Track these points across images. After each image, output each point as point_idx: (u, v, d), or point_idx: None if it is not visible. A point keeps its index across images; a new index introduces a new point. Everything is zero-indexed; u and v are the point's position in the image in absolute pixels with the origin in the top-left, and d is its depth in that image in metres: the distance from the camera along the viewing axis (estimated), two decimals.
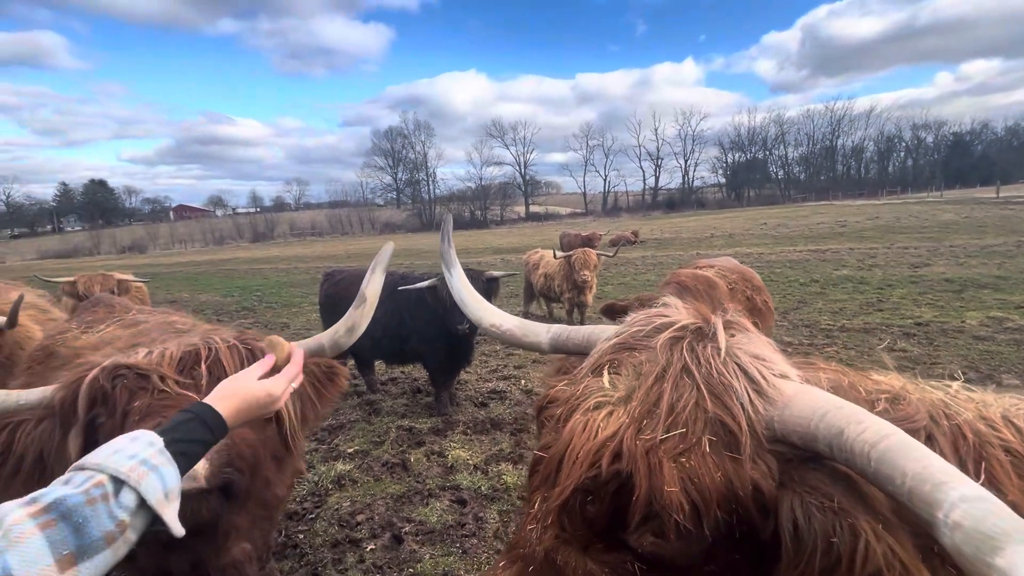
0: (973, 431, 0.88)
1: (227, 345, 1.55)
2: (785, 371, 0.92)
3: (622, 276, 14.44)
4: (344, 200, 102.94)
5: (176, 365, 1.44)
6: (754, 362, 0.91)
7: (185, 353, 1.47)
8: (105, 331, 2.23)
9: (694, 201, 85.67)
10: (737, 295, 4.27)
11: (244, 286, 17.81)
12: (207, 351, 1.49)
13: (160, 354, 1.47)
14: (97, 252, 69.40)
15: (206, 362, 1.46)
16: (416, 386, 6.10)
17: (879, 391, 0.99)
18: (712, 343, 0.94)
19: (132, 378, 1.39)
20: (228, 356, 1.51)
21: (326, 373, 1.79)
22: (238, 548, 1.75)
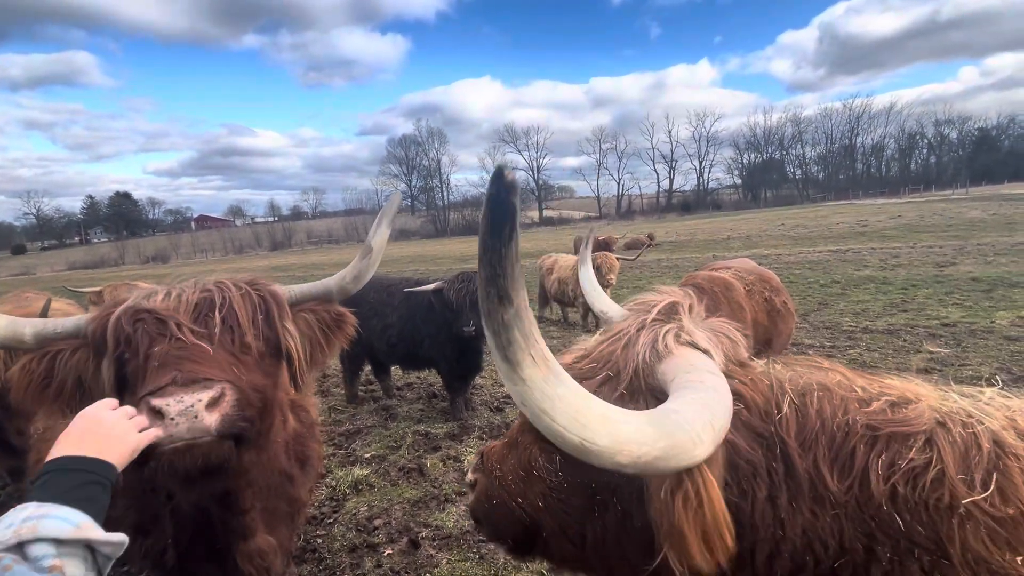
0: (994, 441, 0.86)
1: (240, 293, 1.57)
2: (696, 341, 1.12)
3: (637, 279, 14.33)
4: (360, 208, 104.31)
5: (192, 311, 1.46)
6: (671, 330, 1.14)
7: (201, 299, 1.49)
8: None
9: (709, 203, 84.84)
10: (755, 297, 4.20)
11: None
12: (221, 298, 1.51)
13: (177, 297, 1.49)
14: (122, 262, 71.30)
15: (220, 311, 1.48)
16: (432, 391, 6.11)
17: (882, 394, 0.99)
18: (667, 318, 1.21)
19: (151, 322, 1.41)
20: (241, 304, 1.53)
21: (335, 319, 1.85)
22: (263, 539, 1.82)
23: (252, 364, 1.49)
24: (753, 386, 1.04)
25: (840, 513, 0.91)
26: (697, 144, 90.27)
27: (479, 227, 0.78)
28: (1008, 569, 0.77)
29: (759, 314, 4.09)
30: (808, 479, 0.94)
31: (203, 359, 1.34)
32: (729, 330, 1.23)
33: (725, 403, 0.92)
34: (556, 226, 73.56)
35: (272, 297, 1.64)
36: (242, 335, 1.49)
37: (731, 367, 1.10)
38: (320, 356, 1.81)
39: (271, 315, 1.60)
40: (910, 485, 0.86)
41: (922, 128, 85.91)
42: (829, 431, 0.95)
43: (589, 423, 0.79)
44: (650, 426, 0.82)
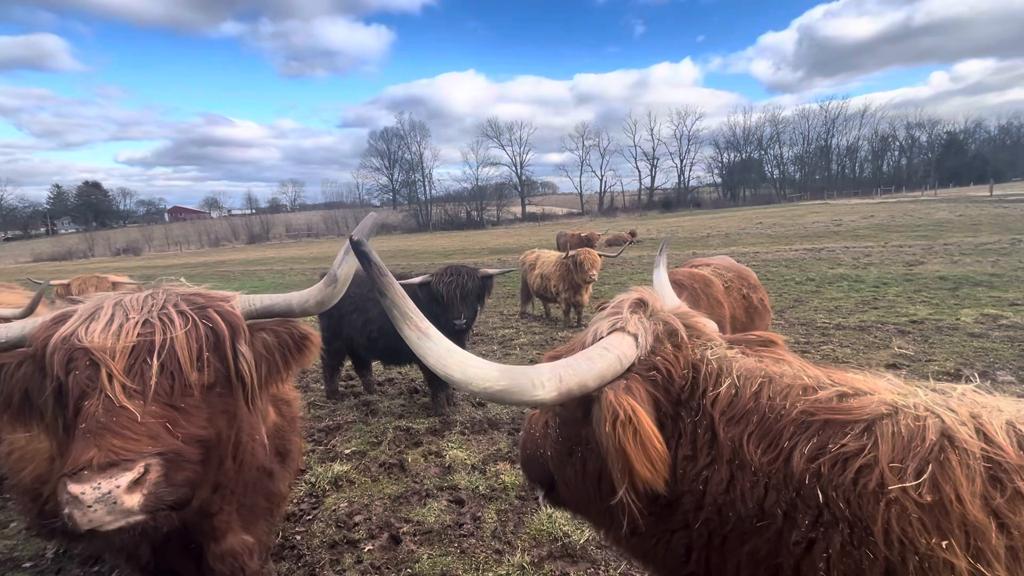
0: (944, 435, 0.91)
1: (186, 328, 1.45)
2: (627, 328, 1.30)
3: (618, 276, 14.46)
4: (340, 201, 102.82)
5: (128, 356, 1.37)
6: (610, 321, 1.34)
7: (140, 342, 1.39)
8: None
9: (690, 201, 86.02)
10: (733, 293, 4.28)
11: (240, 287, 17.62)
12: (162, 339, 1.41)
13: (118, 329, 1.40)
14: (91, 254, 69.00)
15: (159, 355, 1.39)
16: (413, 386, 6.08)
17: (834, 385, 1.09)
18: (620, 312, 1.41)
19: (84, 368, 1.34)
20: (184, 344, 1.42)
21: (297, 340, 1.71)
22: (237, 539, 1.78)
23: (194, 405, 1.42)
24: (673, 363, 1.22)
25: (762, 482, 1.04)
26: (678, 142, 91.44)
27: (361, 266, 1.18)
28: (935, 551, 0.83)
29: (737, 310, 4.17)
30: (730, 448, 1.10)
31: (127, 428, 1.26)
32: (692, 321, 1.37)
33: (593, 367, 1.16)
34: (539, 222, 73.68)
35: (226, 322, 1.53)
36: (183, 377, 1.41)
37: (660, 348, 1.27)
38: (276, 378, 1.68)
39: (222, 345, 1.50)
40: (837, 467, 0.96)
41: (894, 131, 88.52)
42: (761, 411, 1.09)
43: (449, 364, 1.12)
44: (496, 372, 1.13)
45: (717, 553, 1.12)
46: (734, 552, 1.08)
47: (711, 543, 1.13)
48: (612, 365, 1.17)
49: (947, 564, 0.81)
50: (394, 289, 1.14)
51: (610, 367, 1.17)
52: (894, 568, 0.86)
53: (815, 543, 0.95)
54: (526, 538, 3.11)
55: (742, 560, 1.06)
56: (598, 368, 1.16)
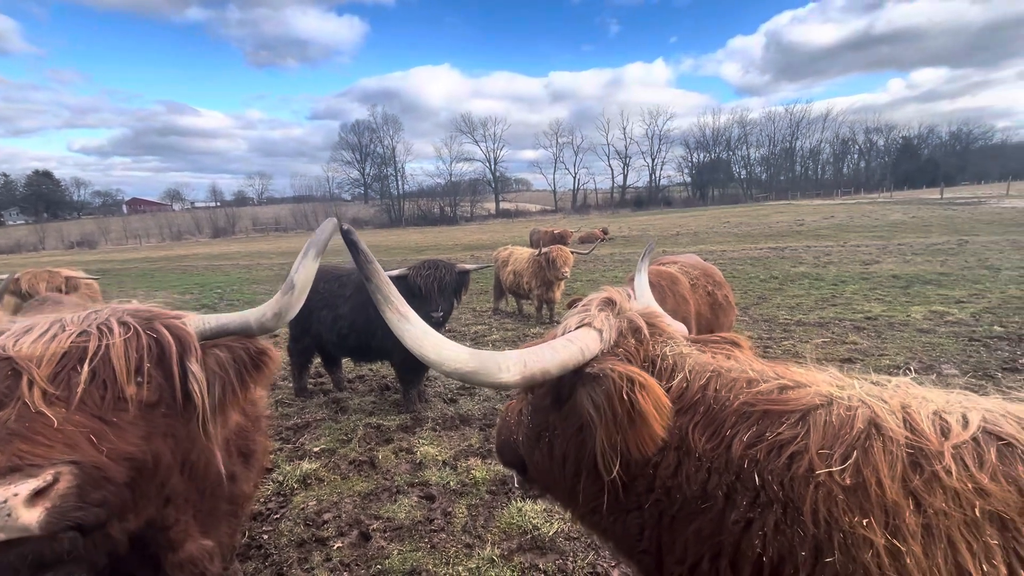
0: (871, 423, 1.00)
1: (125, 336, 1.34)
2: (593, 324, 1.37)
3: (590, 273, 14.65)
4: (310, 195, 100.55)
5: (56, 363, 1.26)
6: (579, 317, 1.42)
7: (72, 347, 1.29)
8: None
9: (661, 199, 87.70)
10: (698, 290, 4.41)
11: (203, 283, 17.20)
12: (96, 345, 1.30)
13: (51, 338, 1.30)
14: (42, 247, 65.56)
15: (91, 361, 1.27)
16: (384, 383, 6.04)
17: (777, 379, 1.18)
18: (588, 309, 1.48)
19: (3, 376, 1.23)
20: (121, 351, 1.31)
21: (253, 357, 1.57)
22: (195, 545, 1.71)
23: (129, 422, 1.29)
24: (634, 356, 1.30)
25: (705, 467, 1.13)
26: (650, 142, 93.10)
27: (350, 254, 1.24)
28: (856, 529, 0.91)
29: (702, 306, 4.31)
30: (678, 436, 1.18)
31: (40, 433, 1.12)
32: (656, 320, 1.45)
33: (556, 355, 1.24)
34: (512, 218, 73.80)
35: (173, 336, 1.42)
36: (118, 389, 1.28)
37: (623, 342, 1.35)
38: (233, 400, 1.55)
39: (167, 358, 1.39)
40: (773, 453, 1.04)
41: (854, 135, 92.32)
42: (707, 402, 1.18)
43: (424, 345, 1.19)
44: (467, 354, 1.20)
45: (667, 532, 1.19)
46: (681, 531, 1.15)
47: (661, 523, 1.21)
48: (574, 355, 1.24)
49: (867, 540, 0.88)
50: (379, 275, 1.20)
51: (572, 356, 1.23)
52: (821, 544, 0.93)
53: (752, 522, 1.03)
54: (496, 532, 3.15)
55: (689, 538, 1.13)
56: (560, 357, 1.23)
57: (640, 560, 1.29)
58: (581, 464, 1.31)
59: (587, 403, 1.20)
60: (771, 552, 0.99)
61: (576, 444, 1.31)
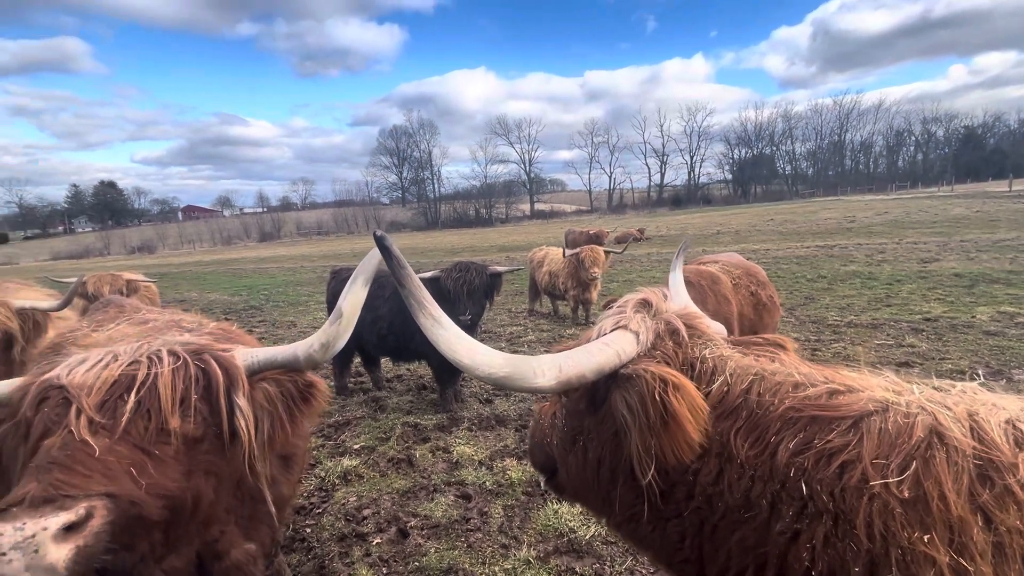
0: (932, 432, 0.93)
1: (174, 366, 1.33)
2: (629, 326, 1.34)
3: (627, 273, 14.42)
4: (350, 199, 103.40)
5: (104, 392, 1.24)
6: (614, 319, 1.39)
7: (121, 375, 1.28)
8: (114, 330, 2.24)
9: (700, 198, 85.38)
10: (741, 290, 4.26)
11: (251, 285, 17.96)
12: (145, 375, 1.28)
13: (103, 367, 1.30)
14: (107, 252, 70.22)
15: (138, 390, 1.25)
16: (422, 383, 6.13)
17: (826, 383, 1.11)
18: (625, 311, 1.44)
19: (54, 405, 1.23)
20: (168, 381, 1.29)
21: (301, 391, 1.54)
22: (239, 550, 1.73)
23: (171, 455, 1.25)
24: (672, 359, 1.26)
25: (748, 474, 1.08)
26: (688, 139, 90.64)
27: (383, 259, 1.28)
28: (917, 546, 0.85)
29: (745, 307, 4.16)
30: (719, 442, 1.13)
31: (80, 462, 1.09)
32: (695, 321, 1.40)
33: (592, 359, 1.21)
34: (547, 219, 73.61)
35: (221, 368, 1.40)
36: (162, 420, 1.25)
37: (661, 345, 1.30)
38: (281, 435, 1.51)
39: (213, 391, 1.36)
40: (822, 462, 0.98)
41: (910, 125, 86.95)
42: (750, 407, 1.13)
43: (458, 350, 1.19)
44: (501, 359, 1.18)
45: (708, 541, 1.16)
46: (724, 540, 1.11)
47: (702, 531, 1.17)
48: (611, 359, 1.21)
49: (928, 558, 0.83)
50: (412, 280, 1.22)
51: (608, 360, 1.21)
52: (877, 561, 0.88)
53: (800, 534, 0.98)
54: (532, 533, 3.14)
55: (732, 548, 1.09)
56: (596, 360, 1.21)
57: (681, 570, 1.26)
58: (617, 469, 1.28)
59: (621, 406, 1.17)
60: (821, 566, 0.94)
61: (611, 449, 1.28)
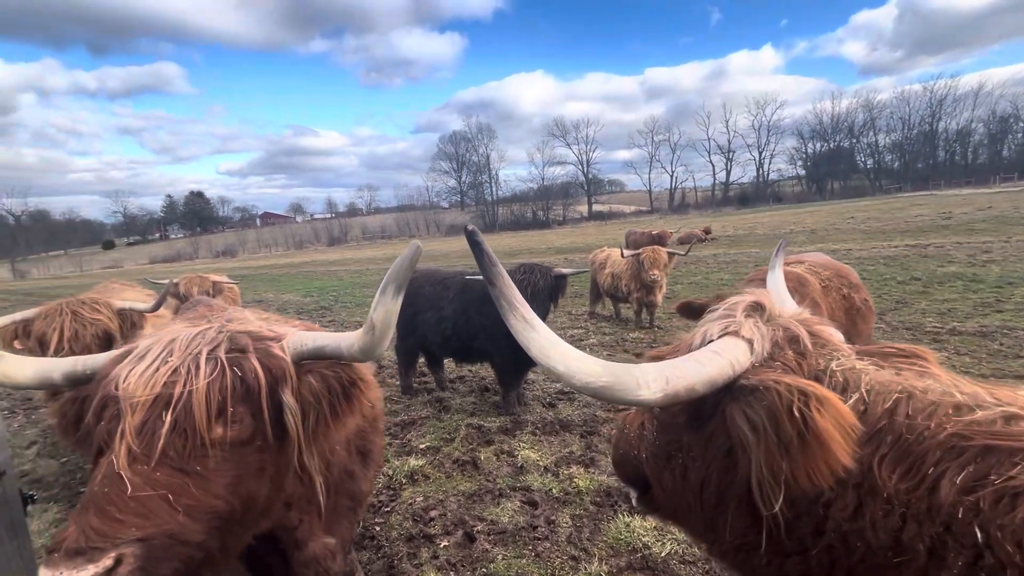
0: None
1: (212, 375, 1.29)
2: (741, 333, 1.20)
3: (693, 275, 13.82)
4: (411, 204, 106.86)
5: (145, 410, 1.23)
6: (721, 324, 1.26)
7: (163, 390, 1.26)
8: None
9: (770, 195, 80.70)
10: (831, 293, 3.90)
11: (321, 287, 18.90)
12: (181, 389, 1.25)
13: (153, 372, 1.29)
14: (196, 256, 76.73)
15: (173, 409, 1.22)
16: (484, 385, 6.13)
17: (997, 405, 0.92)
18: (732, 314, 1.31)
19: (108, 419, 1.27)
20: (203, 395, 1.25)
21: (345, 385, 1.45)
22: (319, 544, 1.79)
23: (213, 470, 1.25)
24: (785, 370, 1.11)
25: (899, 511, 0.92)
26: (757, 134, 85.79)
27: (474, 256, 1.17)
28: None
29: (836, 312, 3.79)
30: (858, 469, 0.97)
31: (113, 503, 1.11)
32: (816, 328, 1.23)
33: (703, 370, 1.08)
34: (606, 220, 72.38)
35: (264, 368, 1.36)
36: (199, 437, 1.24)
37: (780, 355, 1.15)
38: (324, 432, 1.47)
39: (254, 396, 1.32)
40: (1004, 504, 0.81)
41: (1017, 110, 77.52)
42: (897, 431, 0.96)
43: (551, 355, 1.09)
44: (599, 367, 1.07)
45: None
46: None
47: (833, 573, 1.01)
48: (723, 370, 1.08)
49: None
50: (503, 279, 1.14)
51: (721, 372, 1.07)
52: None
53: None
54: (603, 546, 3.00)
55: None
56: (708, 371, 1.07)
57: None
58: (727, 493, 1.13)
59: (741, 422, 1.03)
60: None
61: (720, 470, 1.14)
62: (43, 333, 3.47)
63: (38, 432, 5.45)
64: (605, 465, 3.94)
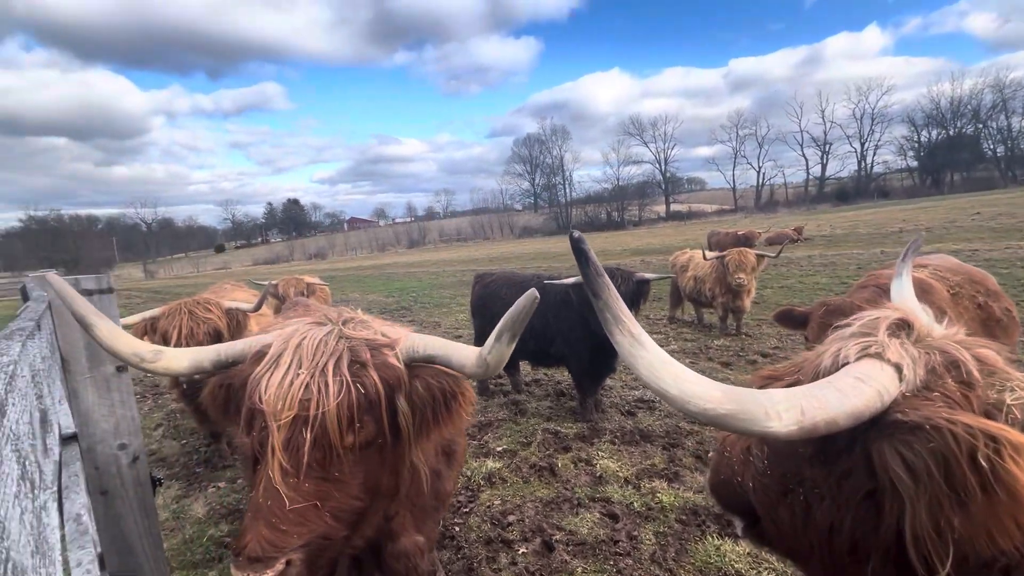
0: None
1: (338, 400, 1.40)
2: (887, 355, 1.03)
3: (784, 278, 12.80)
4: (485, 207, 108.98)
5: (287, 429, 1.38)
6: (860, 344, 1.09)
7: (297, 416, 1.39)
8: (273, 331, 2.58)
9: (874, 190, 73.00)
10: (963, 302, 3.41)
11: (402, 288, 19.78)
12: (315, 408, 1.38)
13: (288, 386, 1.42)
14: (292, 259, 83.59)
15: (311, 428, 1.37)
16: (560, 389, 6.06)
17: None
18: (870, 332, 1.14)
19: (259, 430, 1.45)
20: (334, 413, 1.38)
21: (447, 394, 1.55)
22: (410, 540, 1.87)
23: (348, 474, 1.43)
24: (946, 403, 0.93)
25: None
26: (858, 123, 77.91)
27: (577, 263, 1.10)
28: None
29: (970, 323, 3.30)
30: None
31: (277, 517, 1.33)
32: (980, 352, 1.02)
33: (846, 401, 0.93)
34: (684, 221, 69.39)
35: (383, 381, 1.48)
36: (335, 449, 1.40)
37: (938, 385, 0.96)
38: (425, 435, 1.57)
39: (375, 407, 1.46)
40: None
41: None
42: None
43: (662, 376, 0.99)
44: (719, 392, 0.96)
45: None
46: None
47: None
48: (871, 401, 0.92)
49: None
50: (608, 291, 1.05)
51: (868, 404, 0.92)
52: None
53: None
54: (690, 569, 2.82)
55: None
56: (852, 403, 0.92)
57: None
58: (865, 542, 0.98)
59: (895, 464, 0.87)
60: None
61: (858, 515, 0.98)
62: (166, 330, 3.91)
63: (163, 416, 6.16)
64: (691, 481, 3.72)
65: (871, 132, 77.69)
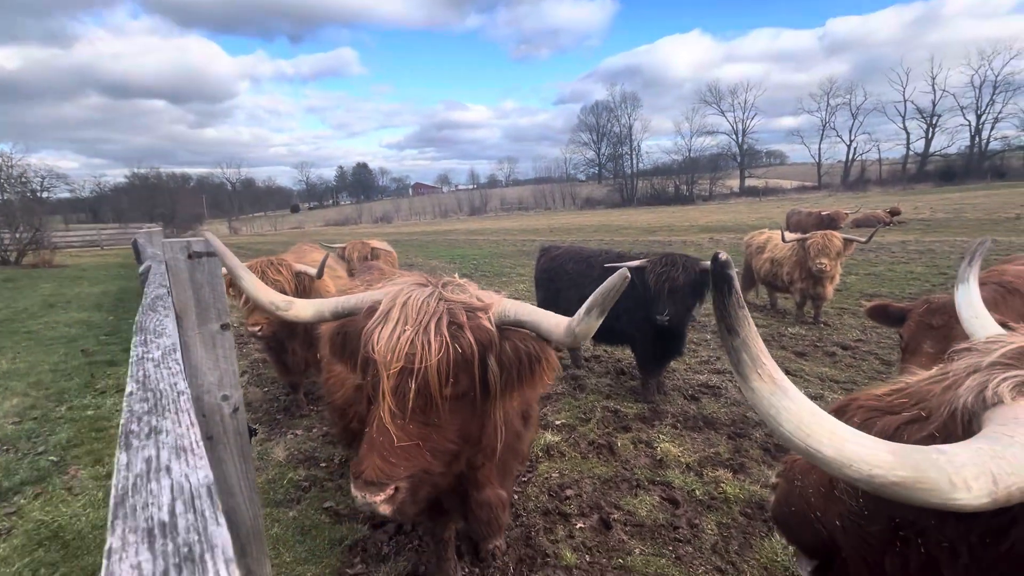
0: None
1: (438, 356, 1.55)
2: None
3: (871, 264, 11.77)
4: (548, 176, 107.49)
5: (395, 378, 1.56)
6: (1012, 379, 0.91)
7: (403, 366, 1.56)
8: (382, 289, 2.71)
9: (987, 169, 64.65)
10: None
11: (463, 255, 20.10)
12: (419, 366, 1.54)
13: (396, 340, 1.58)
14: (359, 221, 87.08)
15: (416, 379, 1.54)
16: (620, 367, 5.98)
17: None
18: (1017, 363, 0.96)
19: (373, 375, 1.64)
20: (434, 372, 1.55)
21: (531, 358, 1.66)
22: (494, 492, 2.05)
23: (445, 421, 1.64)
24: None
25: None
26: (976, 92, 68.24)
27: (715, 290, 0.99)
28: None
29: None
30: None
31: (388, 451, 1.56)
32: None
33: None
34: (760, 197, 65.08)
35: (477, 342, 1.61)
36: (434, 398, 1.58)
37: None
38: (509, 394, 1.70)
39: (470, 365, 1.61)
40: None
41: None
42: None
43: (813, 433, 0.85)
44: (889, 454, 0.81)
45: None
46: None
47: None
48: None
49: None
50: (748, 327, 0.94)
51: None
52: None
53: None
54: (755, 565, 2.75)
55: None
56: None
57: None
58: None
59: None
60: None
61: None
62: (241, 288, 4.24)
63: (248, 364, 6.71)
64: (757, 474, 3.59)
65: (991, 103, 68.04)
